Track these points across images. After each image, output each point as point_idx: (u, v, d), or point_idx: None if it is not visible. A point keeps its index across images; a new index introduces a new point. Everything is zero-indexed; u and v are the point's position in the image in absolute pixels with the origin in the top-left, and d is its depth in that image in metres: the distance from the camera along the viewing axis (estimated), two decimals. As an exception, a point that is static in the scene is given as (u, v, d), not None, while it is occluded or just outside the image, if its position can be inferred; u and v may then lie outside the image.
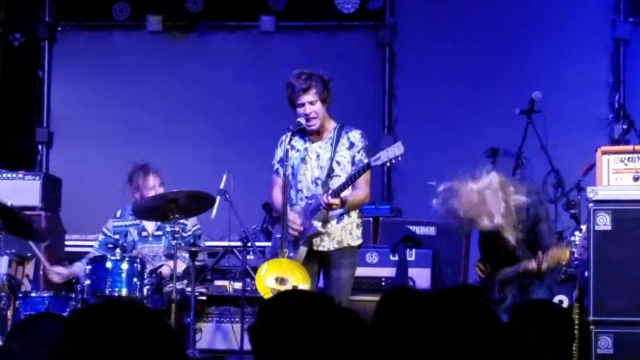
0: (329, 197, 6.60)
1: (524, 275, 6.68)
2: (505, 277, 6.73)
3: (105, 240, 8.02)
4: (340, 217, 6.80)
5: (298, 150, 6.88)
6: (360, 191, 6.75)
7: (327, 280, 6.83)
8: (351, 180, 6.64)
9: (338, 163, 6.83)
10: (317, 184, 6.83)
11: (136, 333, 2.29)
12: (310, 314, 2.65)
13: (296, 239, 6.78)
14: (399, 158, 6.51)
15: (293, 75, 6.81)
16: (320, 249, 6.81)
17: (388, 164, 6.61)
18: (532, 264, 6.58)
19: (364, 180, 6.73)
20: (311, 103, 6.77)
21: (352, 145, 6.82)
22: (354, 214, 6.88)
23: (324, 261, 6.84)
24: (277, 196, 6.90)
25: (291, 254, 6.74)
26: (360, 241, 6.94)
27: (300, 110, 6.80)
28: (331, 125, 6.89)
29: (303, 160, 6.86)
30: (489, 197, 6.44)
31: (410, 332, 2.66)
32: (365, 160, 6.69)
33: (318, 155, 6.87)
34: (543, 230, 6.71)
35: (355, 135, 6.85)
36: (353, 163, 6.80)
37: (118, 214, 8.07)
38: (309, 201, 6.79)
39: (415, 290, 2.67)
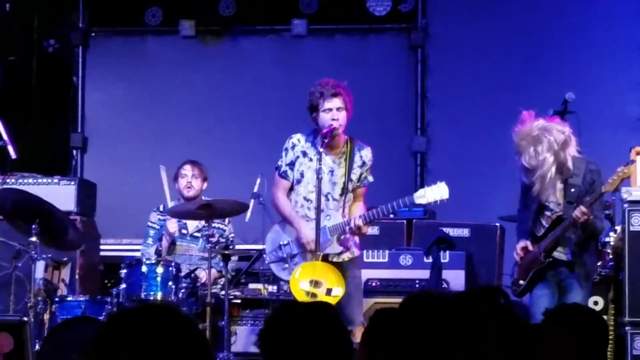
0: (360, 222, 6.71)
1: (570, 229, 6.67)
2: (551, 241, 6.71)
3: (156, 234, 8.07)
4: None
5: (311, 160, 6.88)
6: (364, 208, 6.91)
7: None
8: (389, 213, 6.78)
9: (351, 180, 6.88)
10: (327, 199, 6.84)
11: (168, 337, 2.32)
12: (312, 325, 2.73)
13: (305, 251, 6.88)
14: (444, 201, 6.66)
15: (319, 83, 6.85)
16: (335, 260, 6.90)
17: (432, 203, 6.77)
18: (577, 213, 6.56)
19: (364, 195, 7.00)
20: (338, 109, 6.77)
21: (363, 164, 6.94)
22: None
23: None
24: (282, 198, 6.97)
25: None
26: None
27: (326, 115, 6.77)
28: (342, 139, 6.91)
29: (316, 171, 6.77)
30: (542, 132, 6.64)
31: (431, 335, 2.69)
32: (370, 179, 6.93)
33: (331, 171, 6.87)
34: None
35: (367, 154, 6.96)
36: (359, 180, 6.93)
37: (161, 208, 8.12)
38: (326, 217, 6.83)
39: (437, 293, 2.70)
